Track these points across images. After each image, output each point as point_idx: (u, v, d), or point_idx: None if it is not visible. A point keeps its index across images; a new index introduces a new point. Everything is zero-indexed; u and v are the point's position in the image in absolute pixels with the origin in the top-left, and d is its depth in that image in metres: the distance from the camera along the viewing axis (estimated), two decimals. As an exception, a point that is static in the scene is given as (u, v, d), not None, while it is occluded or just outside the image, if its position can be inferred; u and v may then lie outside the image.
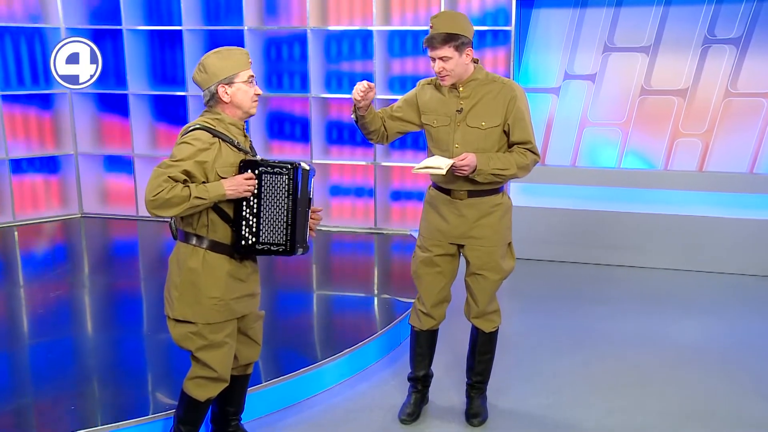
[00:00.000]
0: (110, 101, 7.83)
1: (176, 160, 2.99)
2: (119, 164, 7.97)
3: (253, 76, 3.17)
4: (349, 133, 7.45)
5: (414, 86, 3.93)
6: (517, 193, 6.73)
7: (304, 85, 7.35)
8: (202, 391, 3.27)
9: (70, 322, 5.19)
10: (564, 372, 4.57)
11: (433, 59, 3.62)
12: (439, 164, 3.55)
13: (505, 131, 3.69)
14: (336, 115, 7.44)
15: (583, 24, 6.49)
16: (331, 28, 7.10)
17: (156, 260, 6.70)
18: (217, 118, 3.14)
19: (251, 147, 3.26)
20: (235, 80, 3.12)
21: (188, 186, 2.98)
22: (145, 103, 7.73)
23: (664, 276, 6.33)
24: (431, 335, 4.02)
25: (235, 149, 3.14)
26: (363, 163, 7.25)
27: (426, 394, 4.15)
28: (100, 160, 7.99)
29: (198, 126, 3.10)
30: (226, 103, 3.13)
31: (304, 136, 7.47)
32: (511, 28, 6.54)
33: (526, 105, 3.71)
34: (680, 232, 6.39)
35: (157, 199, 2.93)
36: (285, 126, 7.58)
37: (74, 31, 7.47)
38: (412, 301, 4.06)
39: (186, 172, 2.99)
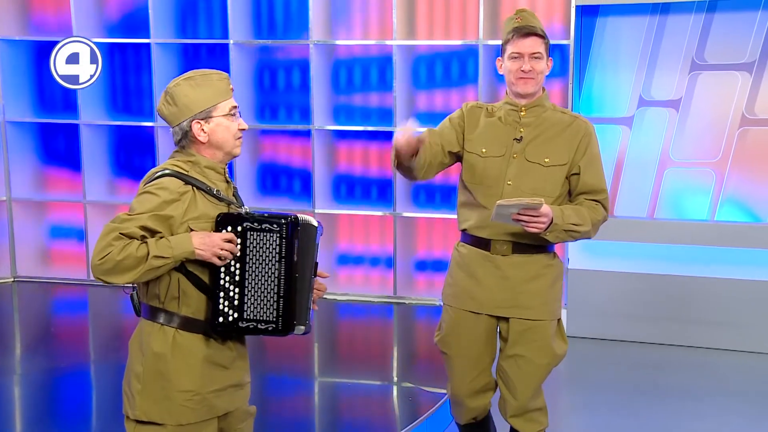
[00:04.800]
0: (56, 132, 7.87)
1: (134, 214, 2.97)
2: (66, 214, 7.94)
3: (236, 106, 3.17)
4: (362, 190, 7.50)
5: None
6: (576, 251, 6.70)
7: (306, 119, 7.39)
8: None
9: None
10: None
11: (518, 56, 3.70)
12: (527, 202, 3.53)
13: (568, 176, 3.77)
14: (345, 166, 7.48)
15: (663, 35, 6.45)
16: (339, 42, 7.19)
17: (111, 338, 6.66)
18: (190, 161, 3.13)
19: (236, 195, 3.25)
20: (214, 114, 3.12)
21: (146, 242, 2.95)
22: (101, 136, 7.74)
23: (775, 363, 6.27)
24: (481, 426, 4.03)
25: (214, 199, 3.13)
26: (380, 213, 7.26)
27: None
28: (41, 209, 7.98)
29: (167, 171, 3.08)
30: (203, 143, 3.13)
31: (305, 191, 7.51)
32: (570, 41, 6.54)
33: (599, 149, 3.86)
34: (796, 306, 6.35)
35: (106, 262, 2.90)
36: (281, 180, 7.63)
37: (10, 43, 7.60)
38: (442, 391, 4.27)
39: (145, 228, 2.96)
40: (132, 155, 7.84)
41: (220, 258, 3.03)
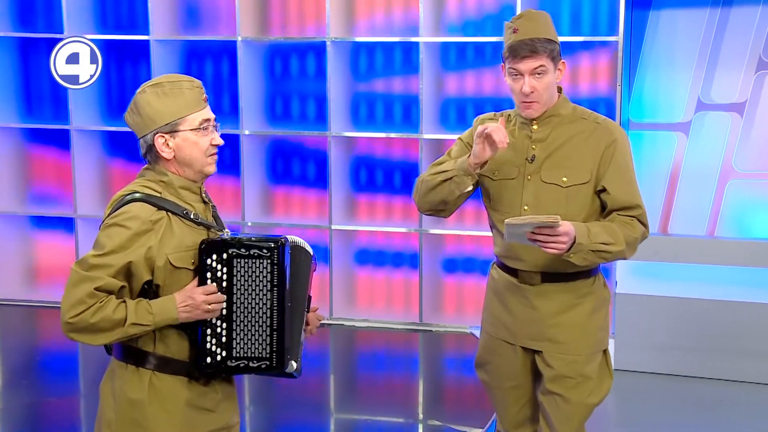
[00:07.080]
0: (45, 139, 7.92)
1: (103, 254, 2.94)
2: (55, 229, 7.98)
3: (208, 119, 3.14)
4: (384, 206, 7.51)
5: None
6: (624, 274, 6.62)
7: (321, 117, 7.39)
8: None
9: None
10: None
11: (518, 75, 3.62)
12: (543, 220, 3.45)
13: (597, 192, 3.71)
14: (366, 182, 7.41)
15: (726, 30, 6.43)
16: (359, 39, 7.21)
17: (103, 368, 6.49)
18: (162, 181, 3.12)
19: (216, 216, 3.24)
20: (180, 128, 3.09)
21: (124, 302, 2.94)
22: (94, 143, 7.78)
23: None
24: None
25: (191, 224, 3.11)
26: (404, 230, 7.29)
27: None
28: (26, 223, 8.02)
29: (136, 195, 3.06)
30: (168, 159, 3.12)
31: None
32: (619, 38, 6.50)
33: (630, 156, 3.76)
34: None
35: (77, 323, 2.90)
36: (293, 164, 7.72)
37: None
38: (473, 430, 4.50)
39: (119, 273, 2.95)
40: (129, 164, 7.83)
41: (210, 313, 3.06)
